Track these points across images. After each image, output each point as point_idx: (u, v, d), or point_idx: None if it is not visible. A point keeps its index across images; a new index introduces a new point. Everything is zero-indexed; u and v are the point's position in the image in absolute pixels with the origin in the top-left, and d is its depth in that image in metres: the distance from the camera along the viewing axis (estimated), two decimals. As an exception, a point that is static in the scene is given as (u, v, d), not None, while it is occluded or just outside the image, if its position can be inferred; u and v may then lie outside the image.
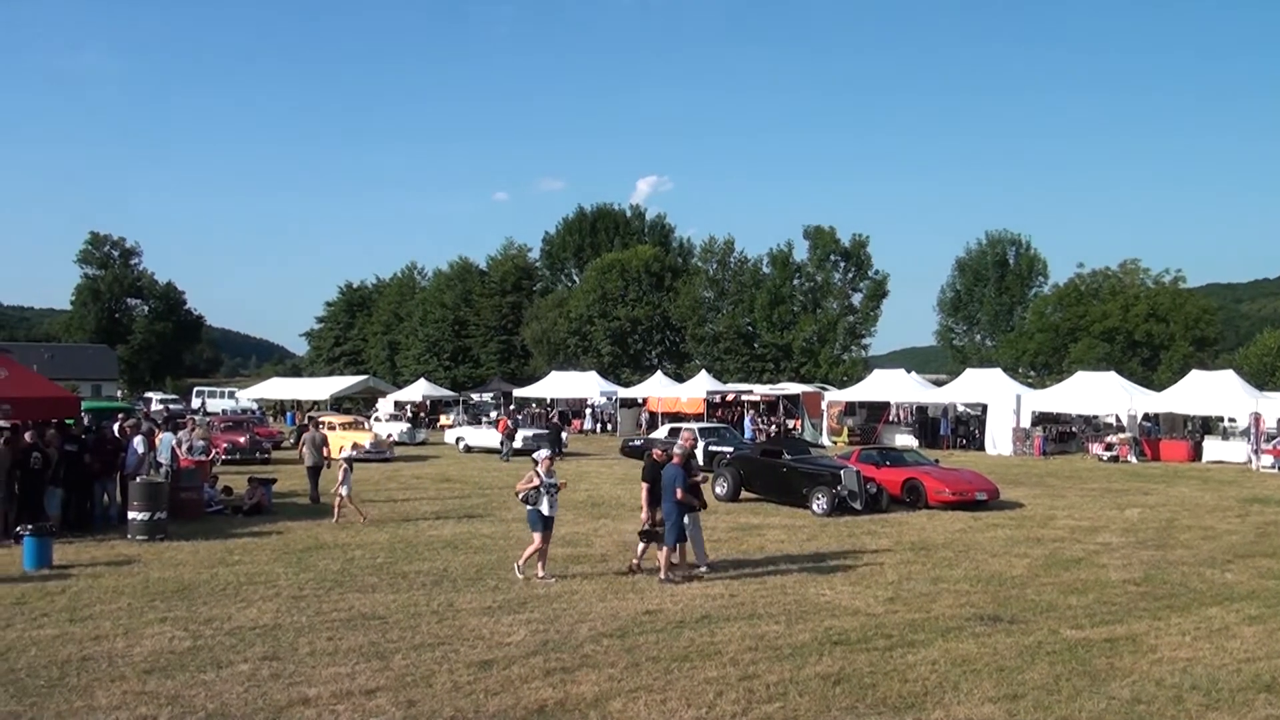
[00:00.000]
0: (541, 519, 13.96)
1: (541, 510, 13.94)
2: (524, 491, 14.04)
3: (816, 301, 67.67)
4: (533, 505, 13.96)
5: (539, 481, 13.97)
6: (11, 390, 18.79)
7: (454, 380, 79.95)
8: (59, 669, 9.61)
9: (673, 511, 14.05)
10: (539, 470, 14.14)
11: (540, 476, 14.03)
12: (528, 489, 13.99)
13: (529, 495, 13.96)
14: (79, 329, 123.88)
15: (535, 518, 13.99)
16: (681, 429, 29.91)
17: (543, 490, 13.95)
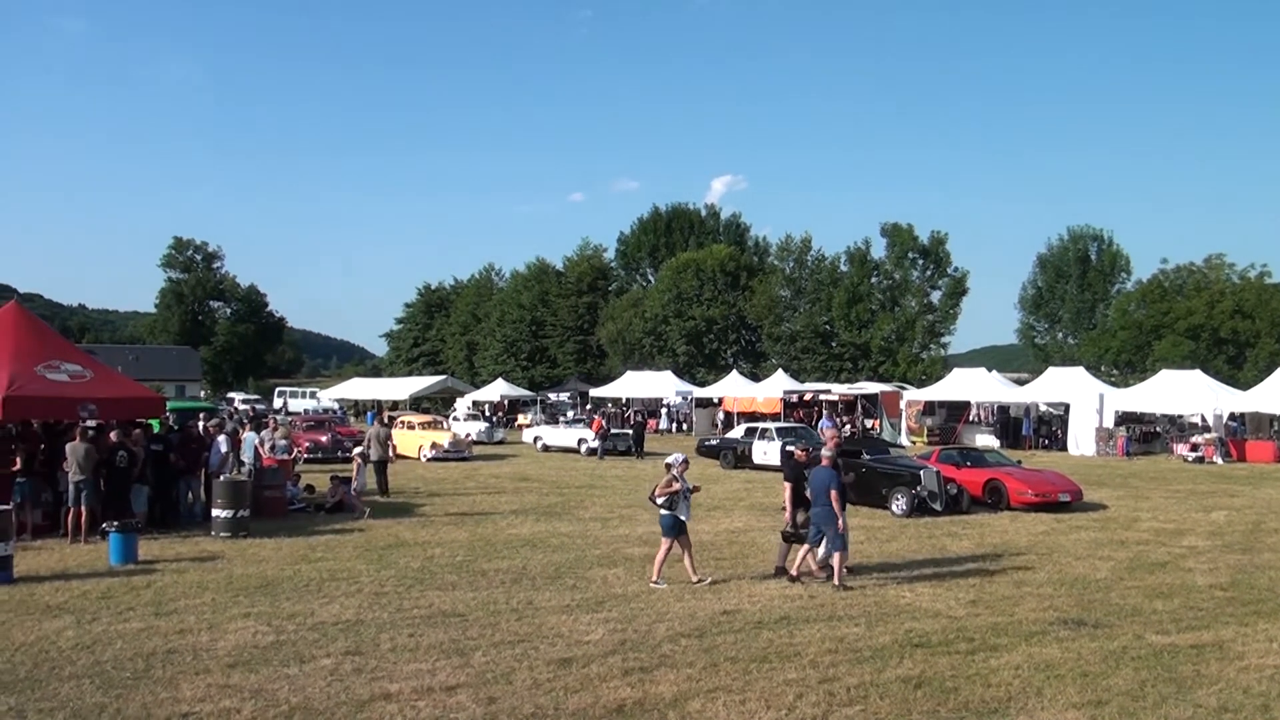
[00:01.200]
0: (677, 524, 13.58)
1: (679, 515, 13.56)
2: (664, 496, 13.56)
3: (895, 299, 66.93)
4: (670, 510, 13.54)
5: (679, 486, 13.56)
6: (97, 391, 19.22)
7: (531, 380, 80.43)
8: (144, 661, 9.83)
9: (830, 517, 13.55)
10: (677, 474, 13.69)
11: (679, 481, 13.61)
12: (668, 493, 13.54)
13: (669, 500, 13.53)
14: (163, 331, 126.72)
15: (671, 523, 13.57)
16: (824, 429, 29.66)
17: (682, 495, 13.58)
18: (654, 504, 13.89)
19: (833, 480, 13.71)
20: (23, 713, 8.28)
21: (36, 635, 10.83)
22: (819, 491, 13.78)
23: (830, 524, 13.55)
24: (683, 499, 13.57)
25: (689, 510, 13.79)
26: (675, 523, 13.54)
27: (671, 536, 13.57)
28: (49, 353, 19.53)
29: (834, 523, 13.51)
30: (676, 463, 13.88)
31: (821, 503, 13.69)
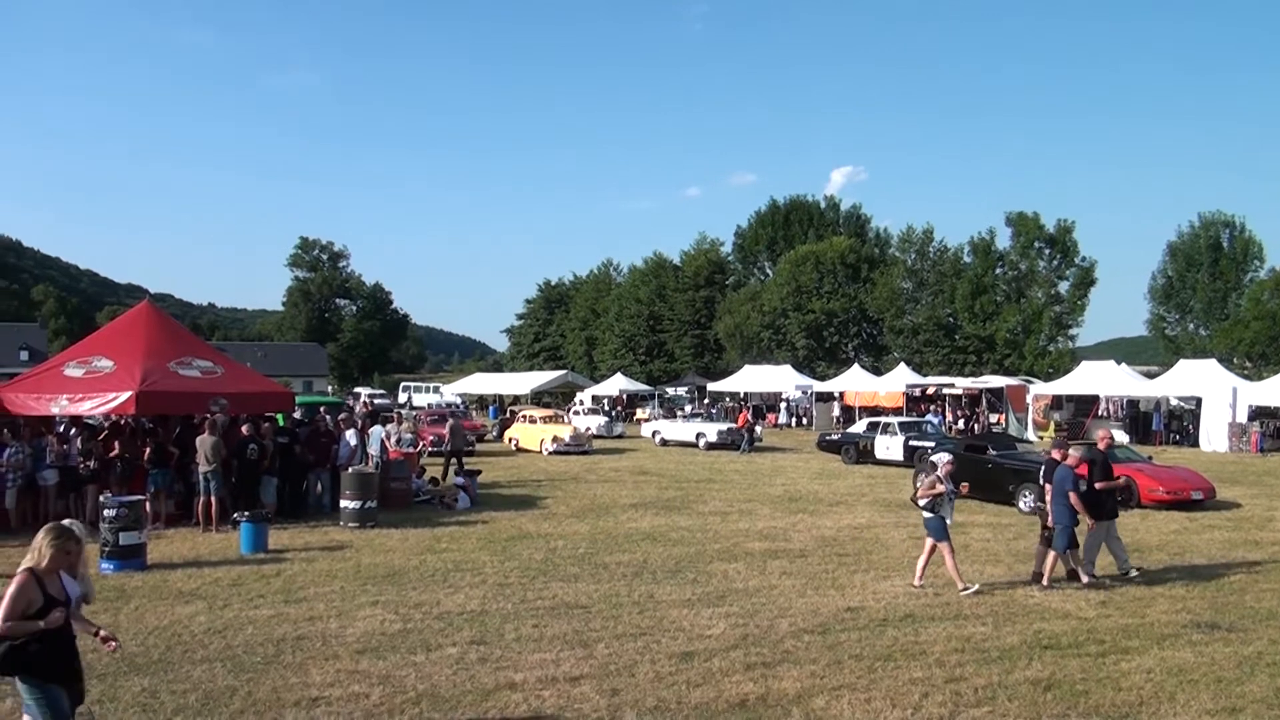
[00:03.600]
0: (944, 525, 13.07)
1: (945, 517, 13.08)
2: (927, 498, 13.11)
3: (1020, 291, 65.27)
4: (936, 513, 13.07)
5: (944, 488, 13.10)
6: (228, 386, 19.80)
7: (649, 375, 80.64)
8: (275, 647, 10.08)
9: (1063, 515, 13.28)
10: (941, 475, 13.23)
11: (943, 482, 13.14)
12: (931, 495, 13.08)
13: (933, 502, 13.09)
14: (290, 328, 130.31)
15: (940, 525, 13.01)
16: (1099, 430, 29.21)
17: (946, 497, 13.11)
18: (916, 506, 13.57)
19: (1068, 479, 13.38)
20: (156, 693, 8.56)
21: (170, 620, 11.20)
22: (1056, 489, 13.49)
23: (1060, 522, 13.29)
24: (947, 500, 13.11)
25: (953, 512, 13.33)
26: (942, 524, 13.03)
27: (942, 539, 13.02)
28: (181, 350, 20.19)
29: (1064, 521, 13.26)
30: (942, 462, 13.43)
31: (1059, 501, 13.39)
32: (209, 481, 17.69)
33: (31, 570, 6.17)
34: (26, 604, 6.07)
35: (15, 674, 6.07)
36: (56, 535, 6.30)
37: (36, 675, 6.09)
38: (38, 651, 6.07)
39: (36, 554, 6.21)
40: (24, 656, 6.05)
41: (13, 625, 6.01)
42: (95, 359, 19.20)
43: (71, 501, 18.52)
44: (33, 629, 6.06)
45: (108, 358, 19.11)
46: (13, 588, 6.08)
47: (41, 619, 6.08)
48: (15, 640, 6.02)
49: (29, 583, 6.11)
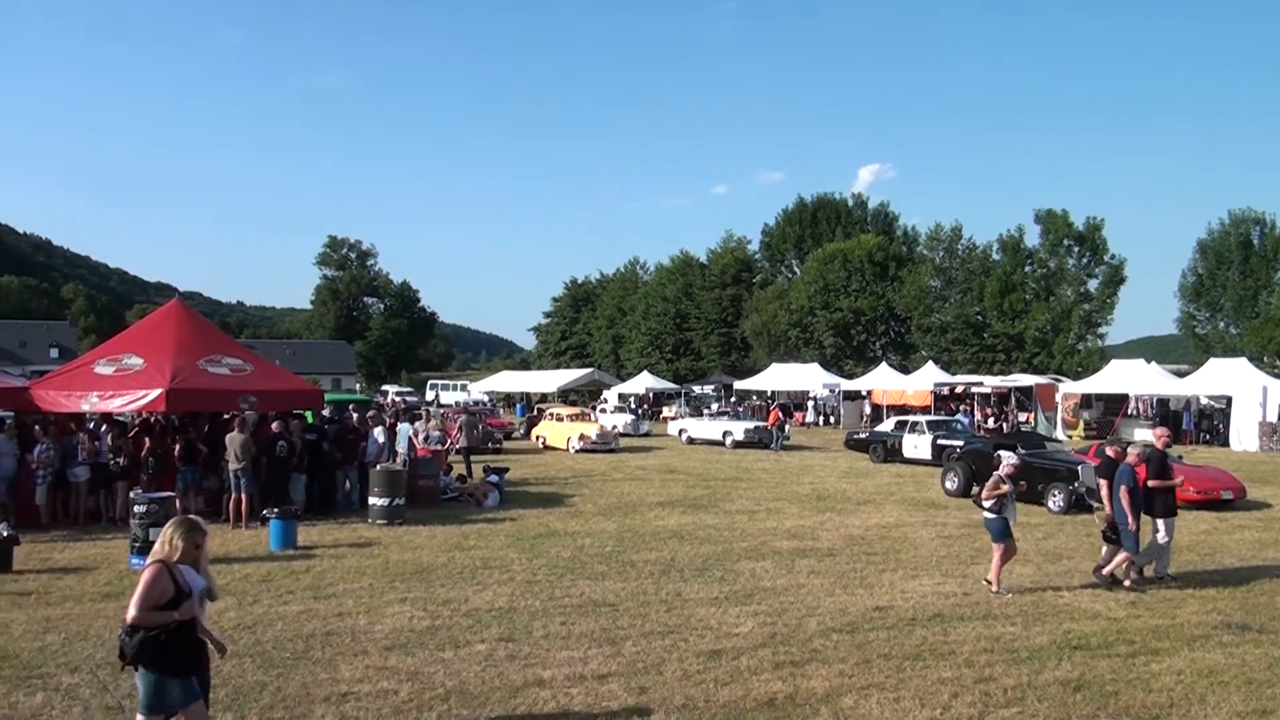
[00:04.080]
0: (1007, 527, 12.88)
1: (1008, 518, 12.86)
2: (992, 499, 12.90)
3: (1049, 289, 64.79)
4: (999, 514, 12.85)
5: (1007, 488, 12.91)
6: (258, 384, 19.89)
7: (676, 373, 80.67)
8: (304, 642, 10.12)
9: (1124, 514, 13.11)
10: (1004, 475, 13.04)
11: (1006, 482, 12.94)
12: (995, 495, 12.87)
13: (997, 503, 12.87)
14: (319, 327, 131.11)
15: (1001, 526, 12.81)
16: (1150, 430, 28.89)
17: (1009, 498, 12.92)
18: (980, 507, 13.36)
19: (1124, 476, 13.25)
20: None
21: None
22: (1114, 489, 13.33)
23: (1122, 521, 13.15)
24: (1010, 501, 12.92)
25: (1015, 513, 13.11)
26: (1005, 526, 12.85)
27: (1000, 540, 12.83)
28: (211, 347, 20.30)
29: (1123, 521, 13.12)
30: (1005, 462, 13.24)
31: (1119, 500, 13.24)
32: (239, 478, 17.79)
33: (163, 562, 6.27)
34: (160, 595, 6.17)
35: (146, 664, 6.16)
36: (188, 528, 6.44)
37: (166, 666, 6.17)
38: (167, 642, 6.16)
39: (168, 546, 6.31)
40: (155, 647, 6.13)
41: (148, 615, 6.11)
42: (125, 357, 19.33)
43: (102, 498, 18.69)
44: (167, 619, 6.16)
45: (138, 355, 19.23)
46: (146, 578, 6.18)
47: (174, 610, 6.19)
48: (150, 630, 6.11)
49: (162, 574, 6.22)
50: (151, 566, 6.24)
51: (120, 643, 6.21)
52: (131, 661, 6.16)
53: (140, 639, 6.09)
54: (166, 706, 6.22)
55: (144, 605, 6.11)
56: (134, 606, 6.09)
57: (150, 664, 6.14)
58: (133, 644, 6.10)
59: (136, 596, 6.11)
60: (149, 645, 6.11)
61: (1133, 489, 13.19)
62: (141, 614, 6.08)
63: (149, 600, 6.13)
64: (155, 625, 6.12)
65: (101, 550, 15.49)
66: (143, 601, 6.10)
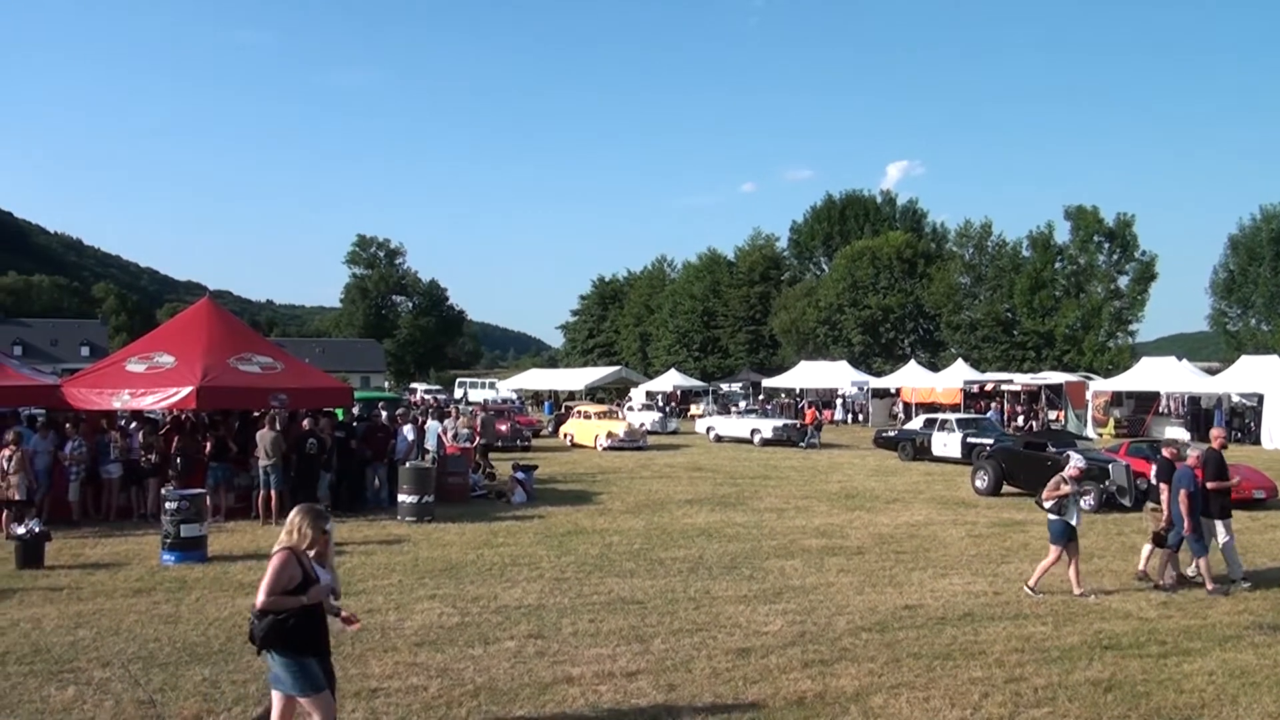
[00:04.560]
0: (1068, 530, 12.64)
1: (1070, 521, 12.63)
2: (1053, 500, 12.72)
3: (1080, 286, 64.32)
4: (1060, 516, 12.65)
5: (1070, 490, 12.69)
6: (288, 381, 20.00)
7: (703, 370, 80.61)
8: (333, 638, 10.06)
9: (1178, 517, 12.98)
10: (1068, 476, 12.83)
11: (1070, 484, 12.72)
12: (1057, 497, 12.67)
13: (1058, 505, 12.69)
14: (348, 325, 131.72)
15: (1062, 529, 12.56)
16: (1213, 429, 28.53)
17: (1072, 500, 12.69)
18: (1041, 508, 13.21)
19: (1184, 479, 13.03)
20: (217, 683, 8.65)
21: (230, 611, 11.31)
22: (1174, 490, 13.16)
23: (1178, 522, 13.03)
24: (1073, 503, 12.70)
25: (1079, 515, 12.90)
26: (1066, 529, 12.58)
27: (1061, 544, 12.61)
28: (241, 346, 20.42)
29: (1181, 522, 12.98)
30: (1071, 465, 13.04)
31: (1175, 503, 13.10)
32: (269, 475, 17.89)
33: (291, 549, 6.43)
34: (288, 580, 6.34)
35: (274, 648, 6.33)
36: (316, 517, 6.62)
37: (294, 648, 6.34)
38: (295, 626, 6.33)
39: (297, 533, 6.49)
40: (283, 630, 6.30)
41: (276, 599, 6.28)
42: (157, 355, 19.47)
43: (133, 495, 18.82)
44: (295, 604, 6.33)
45: (169, 353, 19.36)
46: (275, 564, 6.34)
47: (302, 594, 6.36)
48: (277, 614, 6.27)
49: (290, 560, 6.38)
50: (280, 553, 6.41)
51: (250, 626, 6.42)
52: (261, 645, 6.34)
53: (269, 623, 6.28)
54: (319, 683, 6.44)
55: (272, 590, 6.29)
56: (263, 591, 6.29)
57: (280, 647, 6.33)
58: (261, 627, 6.30)
59: (265, 582, 6.29)
60: (277, 629, 6.30)
61: (1193, 492, 12.99)
62: (270, 598, 6.27)
63: (277, 585, 6.31)
64: (283, 609, 6.30)
65: (133, 546, 15.60)
66: (271, 586, 6.29)
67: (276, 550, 6.43)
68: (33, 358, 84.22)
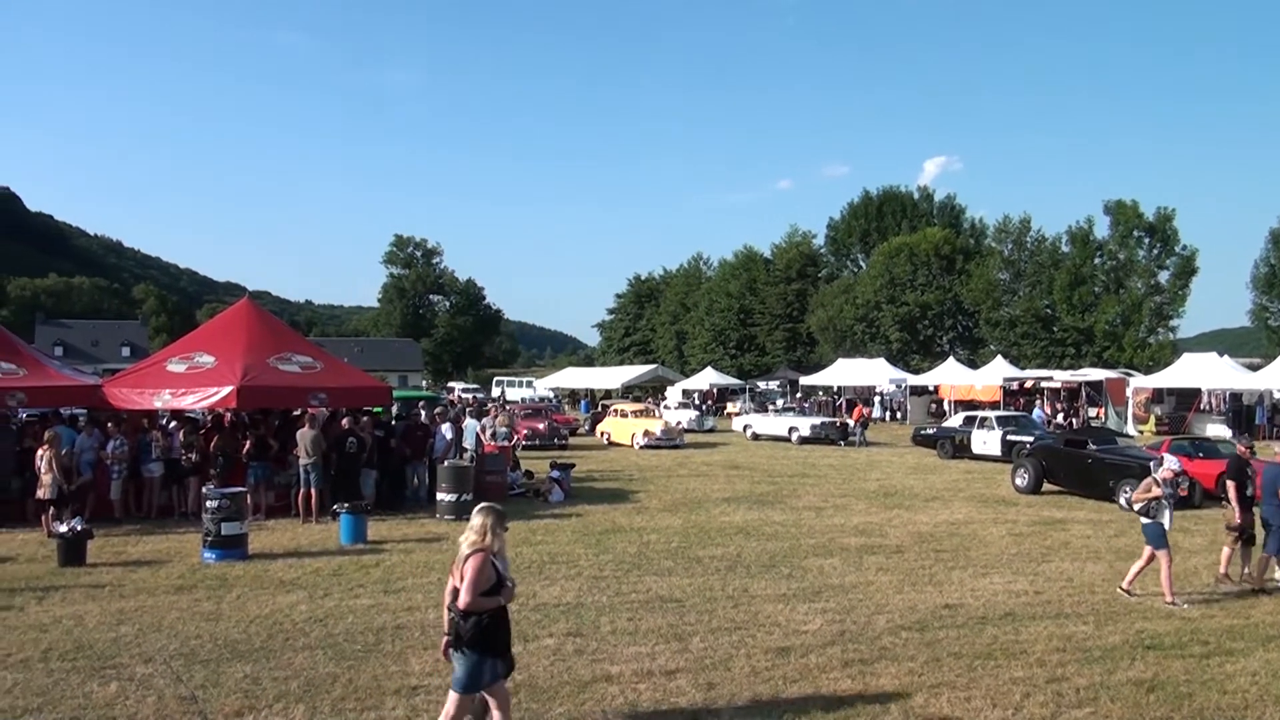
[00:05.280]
0: (1163, 532, 12.32)
1: (1163, 523, 12.29)
2: (1143, 503, 12.44)
3: (1119, 281, 63.54)
4: (1153, 518, 12.34)
5: (1160, 491, 12.34)
6: (327, 381, 20.12)
7: (740, 368, 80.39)
8: (374, 635, 10.22)
9: (1276, 515, 12.69)
10: (1159, 478, 12.48)
11: (1161, 485, 12.37)
12: (1148, 499, 12.37)
13: (1149, 507, 12.37)
14: (386, 324, 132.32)
15: (1157, 531, 12.20)
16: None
17: (1165, 501, 12.31)
18: (1131, 510, 13.05)
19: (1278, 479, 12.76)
20: (258, 680, 8.72)
21: (271, 608, 11.41)
22: (1267, 489, 12.88)
23: (1275, 522, 12.75)
24: (1165, 505, 12.32)
25: (1172, 518, 12.54)
26: (1160, 531, 12.22)
27: (1159, 546, 12.25)
28: (281, 345, 20.56)
29: (1276, 521, 12.72)
30: (1164, 467, 12.62)
31: (1270, 502, 12.83)
32: (309, 474, 18.01)
33: (486, 550, 6.71)
34: (485, 581, 6.64)
35: (476, 647, 6.62)
36: (499, 518, 6.89)
37: (488, 647, 6.66)
38: (489, 625, 6.65)
39: (487, 535, 6.77)
40: (481, 630, 6.62)
41: (478, 601, 6.58)
42: (197, 355, 19.64)
43: (174, 493, 19.00)
44: (495, 604, 6.69)
45: (209, 353, 19.53)
46: (474, 566, 6.60)
47: (496, 595, 6.71)
48: (480, 615, 6.60)
49: (487, 562, 6.67)
50: (477, 555, 6.66)
51: (455, 626, 6.65)
52: (469, 644, 6.60)
53: (474, 623, 6.58)
54: (480, 685, 6.70)
55: (475, 591, 6.57)
56: (466, 593, 6.55)
57: (478, 646, 6.61)
58: (468, 627, 6.58)
59: (467, 583, 6.55)
60: (478, 628, 6.60)
61: None
62: (474, 599, 6.55)
63: (479, 586, 6.60)
64: (483, 610, 6.61)
65: (174, 544, 15.75)
66: (474, 588, 6.56)
67: (471, 553, 6.68)
68: (73, 358, 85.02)
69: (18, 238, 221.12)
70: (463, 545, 6.75)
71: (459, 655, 6.67)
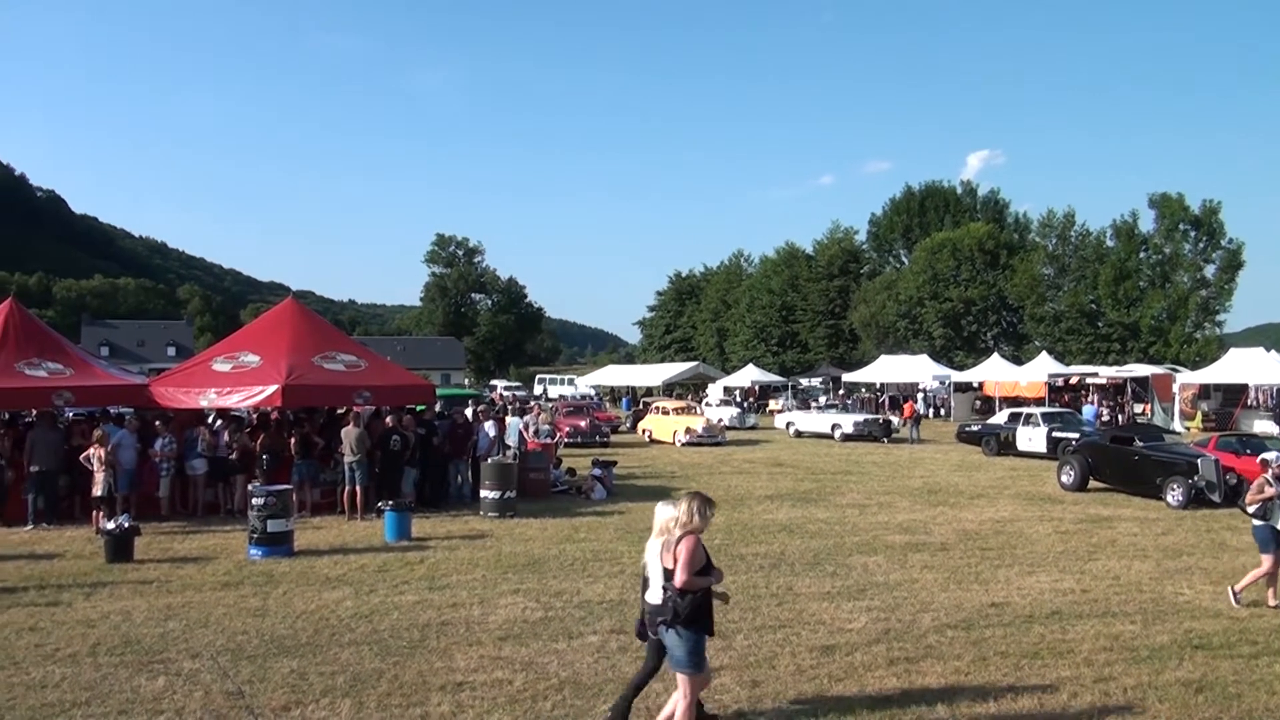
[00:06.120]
0: (1274, 536, 11.59)
1: (1275, 525, 11.69)
2: (1256, 504, 11.85)
3: (1165, 275, 62.73)
4: (1266, 520, 11.66)
5: (1275, 492, 11.75)
6: (371, 379, 20.25)
7: (782, 365, 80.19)
8: (419, 632, 10.27)
9: None
10: (1271, 477, 11.89)
11: (1275, 485, 11.75)
12: (1259, 500, 11.82)
13: (1263, 508, 11.72)
14: (428, 323, 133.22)
15: (1268, 535, 11.62)
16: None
17: (1277, 502, 11.73)
18: (1245, 512, 12.52)
19: None
20: (305, 675, 8.79)
21: (317, 604, 11.50)
22: None
23: None
24: (1279, 506, 11.74)
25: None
26: (1271, 534, 11.61)
27: (1267, 550, 11.66)
28: (325, 344, 20.71)
29: None
30: (1274, 461, 12.05)
31: None
32: (353, 471, 18.14)
33: (696, 532, 7.06)
34: (698, 562, 7.00)
35: (693, 625, 7.00)
36: (707, 503, 7.26)
37: (703, 625, 7.08)
38: (700, 605, 7.03)
39: (697, 519, 7.11)
40: (697, 609, 6.99)
41: (693, 580, 6.92)
42: (242, 354, 19.82)
43: (220, 490, 19.18)
44: (707, 584, 7.09)
45: (254, 353, 19.70)
46: (688, 547, 6.96)
47: (708, 575, 7.11)
48: (695, 594, 6.95)
49: (698, 544, 7.05)
50: (690, 537, 7.01)
51: (673, 605, 6.97)
52: (685, 622, 6.94)
53: (690, 601, 6.92)
54: (704, 660, 7.14)
55: (690, 570, 6.90)
56: (682, 572, 6.87)
57: (694, 623, 6.98)
58: (685, 605, 6.92)
59: (683, 563, 6.88)
60: (694, 606, 6.95)
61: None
62: (689, 579, 6.88)
63: (693, 566, 6.93)
64: (696, 589, 6.96)
65: (220, 541, 15.91)
66: (689, 567, 6.89)
67: (683, 535, 7.01)
68: (119, 358, 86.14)
69: (64, 240, 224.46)
70: (673, 528, 7.11)
71: (676, 635, 6.96)
